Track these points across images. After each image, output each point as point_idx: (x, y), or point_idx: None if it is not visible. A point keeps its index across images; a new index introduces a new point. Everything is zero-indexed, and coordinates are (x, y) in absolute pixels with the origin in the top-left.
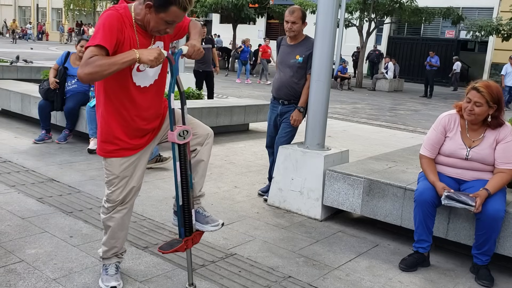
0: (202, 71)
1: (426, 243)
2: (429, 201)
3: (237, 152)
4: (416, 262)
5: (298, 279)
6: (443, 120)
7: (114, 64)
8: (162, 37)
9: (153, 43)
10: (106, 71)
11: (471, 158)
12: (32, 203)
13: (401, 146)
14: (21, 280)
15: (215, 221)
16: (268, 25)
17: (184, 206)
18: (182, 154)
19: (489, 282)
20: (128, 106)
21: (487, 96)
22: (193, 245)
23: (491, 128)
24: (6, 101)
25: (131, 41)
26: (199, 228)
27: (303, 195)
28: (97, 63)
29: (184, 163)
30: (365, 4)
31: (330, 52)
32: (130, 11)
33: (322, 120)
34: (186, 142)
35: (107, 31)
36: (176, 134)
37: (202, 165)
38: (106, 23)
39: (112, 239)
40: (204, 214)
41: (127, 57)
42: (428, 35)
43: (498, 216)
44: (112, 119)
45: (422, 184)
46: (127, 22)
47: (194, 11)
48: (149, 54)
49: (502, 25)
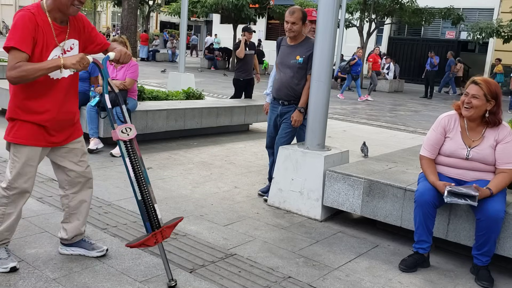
0: (243, 80)
1: (426, 243)
2: (429, 202)
3: (237, 153)
4: (416, 263)
5: (298, 279)
6: (442, 121)
7: (40, 69)
8: (76, 35)
9: (67, 37)
10: (32, 75)
11: (472, 158)
12: (32, 203)
13: (401, 146)
14: (21, 280)
15: (100, 247)
16: (269, 26)
17: (144, 200)
18: (130, 150)
19: (489, 283)
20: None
21: (485, 89)
22: (164, 239)
23: (490, 126)
24: (6, 101)
25: (46, 35)
26: (85, 254)
27: (303, 195)
28: (23, 67)
29: (134, 158)
30: (366, 4)
31: (330, 53)
32: (42, 8)
33: (322, 121)
34: (131, 138)
35: (22, 33)
36: (119, 131)
37: (85, 205)
38: (19, 24)
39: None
40: (89, 242)
41: (52, 64)
42: (428, 36)
43: (498, 216)
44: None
45: (422, 185)
46: (40, 19)
47: (194, 12)
48: (72, 59)
49: (503, 27)
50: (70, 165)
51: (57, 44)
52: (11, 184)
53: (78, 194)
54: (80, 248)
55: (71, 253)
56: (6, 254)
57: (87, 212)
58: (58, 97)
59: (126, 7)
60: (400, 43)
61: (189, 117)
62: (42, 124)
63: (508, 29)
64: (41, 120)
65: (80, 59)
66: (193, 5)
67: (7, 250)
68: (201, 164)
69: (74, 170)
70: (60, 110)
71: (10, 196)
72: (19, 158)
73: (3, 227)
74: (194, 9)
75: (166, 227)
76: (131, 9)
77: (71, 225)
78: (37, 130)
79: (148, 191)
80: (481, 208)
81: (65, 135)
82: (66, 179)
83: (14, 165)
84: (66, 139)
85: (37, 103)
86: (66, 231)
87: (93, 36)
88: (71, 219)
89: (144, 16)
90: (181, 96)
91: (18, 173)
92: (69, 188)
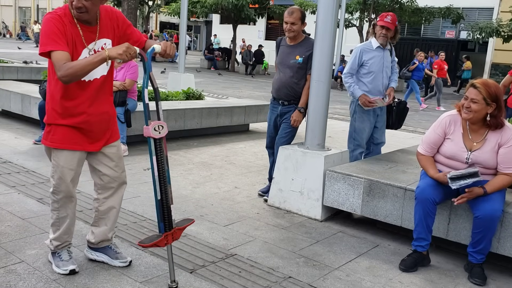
0: None
1: (425, 241)
2: (430, 199)
3: (238, 153)
4: (416, 262)
5: (298, 279)
6: (443, 122)
7: (88, 64)
8: (108, 34)
9: (97, 38)
10: (80, 71)
11: (472, 161)
12: (32, 203)
13: (401, 146)
14: (21, 281)
15: (124, 258)
16: (268, 26)
17: (162, 201)
18: (158, 149)
19: (481, 280)
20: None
21: (484, 93)
22: (174, 240)
23: (492, 129)
24: (6, 101)
25: (74, 37)
26: (108, 263)
27: (303, 195)
28: (70, 65)
29: (161, 157)
30: (365, 4)
31: (330, 53)
32: (69, 10)
33: (322, 121)
34: (162, 137)
35: (54, 35)
36: (151, 128)
37: (114, 212)
38: (48, 27)
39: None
40: (115, 250)
41: (98, 57)
42: (428, 35)
43: (494, 215)
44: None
45: (423, 182)
46: (67, 21)
47: (194, 12)
48: (118, 49)
49: (502, 27)
50: (105, 169)
51: (85, 45)
52: (56, 189)
53: (109, 199)
54: (104, 255)
55: (95, 258)
56: (68, 256)
57: (115, 218)
58: (91, 99)
59: (126, 8)
60: (399, 43)
61: (189, 117)
62: (77, 126)
63: (507, 29)
64: (75, 122)
65: (126, 49)
66: (193, 5)
67: (69, 253)
68: (201, 164)
69: (108, 175)
70: (94, 112)
71: (58, 200)
72: (57, 162)
73: (61, 230)
74: (194, 9)
75: (177, 229)
76: (131, 9)
77: (99, 229)
78: (73, 133)
79: (167, 191)
80: (479, 206)
81: (103, 140)
82: (99, 183)
83: (54, 169)
84: (103, 144)
85: (71, 104)
86: (94, 235)
87: (129, 34)
88: (100, 223)
89: (143, 16)
90: (181, 97)
91: (59, 178)
92: (102, 193)
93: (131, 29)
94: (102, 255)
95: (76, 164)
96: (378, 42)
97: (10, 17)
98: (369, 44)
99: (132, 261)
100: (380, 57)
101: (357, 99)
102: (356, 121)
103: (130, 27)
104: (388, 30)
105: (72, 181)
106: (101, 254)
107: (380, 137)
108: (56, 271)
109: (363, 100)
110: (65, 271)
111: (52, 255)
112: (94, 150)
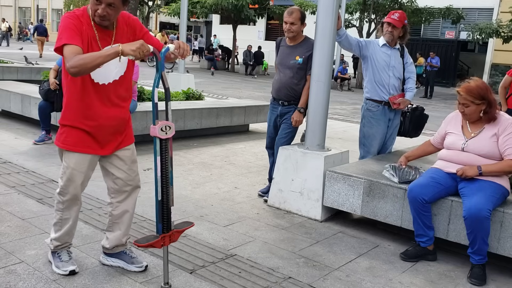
0: None
1: (425, 237)
2: (418, 198)
3: (237, 153)
4: (417, 254)
5: (298, 280)
6: (447, 119)
7: (99, 56)
8: (124, 39)
9: (113, 42)
10: (90, 64)
11: (467, 148)
12: (32, 204)
13: (401, 147)
14: (21, 281)
15: (140, 262)
16: (268, 26)
17: (163, 202)
18: (163, 149)
19: (479, 281)
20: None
21: (468, 98)
22: (171, 242)
23: (488, 122)
24: (6, 102)
25: (90, 38)
26: (124, 268)
27: (303, 196)
28: (81, 56)
29: (165, 158)
30: (365, 4)
31: (330, 53)
32: (87, 12)
33: (322, 121)
34: (168, 138)
35: (70, 31)
36: (158, 128)
37: (128, 215)
38: (65, 25)
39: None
40: (130, 255)
41: (111, 51)
42: (428, 35)
43: (480, 215)
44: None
45: (414, 181)
46: (85, 22)
47: (194, 12)
48: (132, 45)
49: (502, 27)
50: (118, 172)
51: (100, 48)
52: (63, 190)
53: (122, 203)
54: (120, 260)
55: (111, 264)
56: (68, 257)
57: (129, 222)
58: (102, 103)
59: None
60: None
61: (189, 117)
62: (88, 130)
63: (507, 29)
64: (87, 126)
65: (140, 46)
66: (193, 6)
67: (69, 253)
68: (201, 164)
69: (122, 179)
70: (105, 116)
71: (64, 201)
72: (68, 164)
73: (63, 231)
74: (194, 9)
75: (175, 231)
76: (131, 10)
77: (113, 234)
78: (85, 137)
79: (169, 193)
80: (465, 205)
81: (114, 144)
82: (113, 187)
83: (64, 171)
84: (115, 147)
85: (86, 106)
86: (108, 240)
87: (145, 40)
88: (114, 228)
89: (143, 17)
90: (181, 97)
91: (68, 179)
92: (115, 197)
93: (147, 36)
94: (117, 260)
95: (87, 167)
96: (384, 40)
97: (10, 17)
98: (377, 40)
99: (148, 265)
100: (386, 55)
101: (366, 103)
102: (365, 127)
103: (147, 34)
104: (394, 27)
105: (81, 184)
106: (116, 259)
107: (388, 143)
108: (56, 271)
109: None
110: (65, 271)
111: (52, 254)
112: (105, 154)
